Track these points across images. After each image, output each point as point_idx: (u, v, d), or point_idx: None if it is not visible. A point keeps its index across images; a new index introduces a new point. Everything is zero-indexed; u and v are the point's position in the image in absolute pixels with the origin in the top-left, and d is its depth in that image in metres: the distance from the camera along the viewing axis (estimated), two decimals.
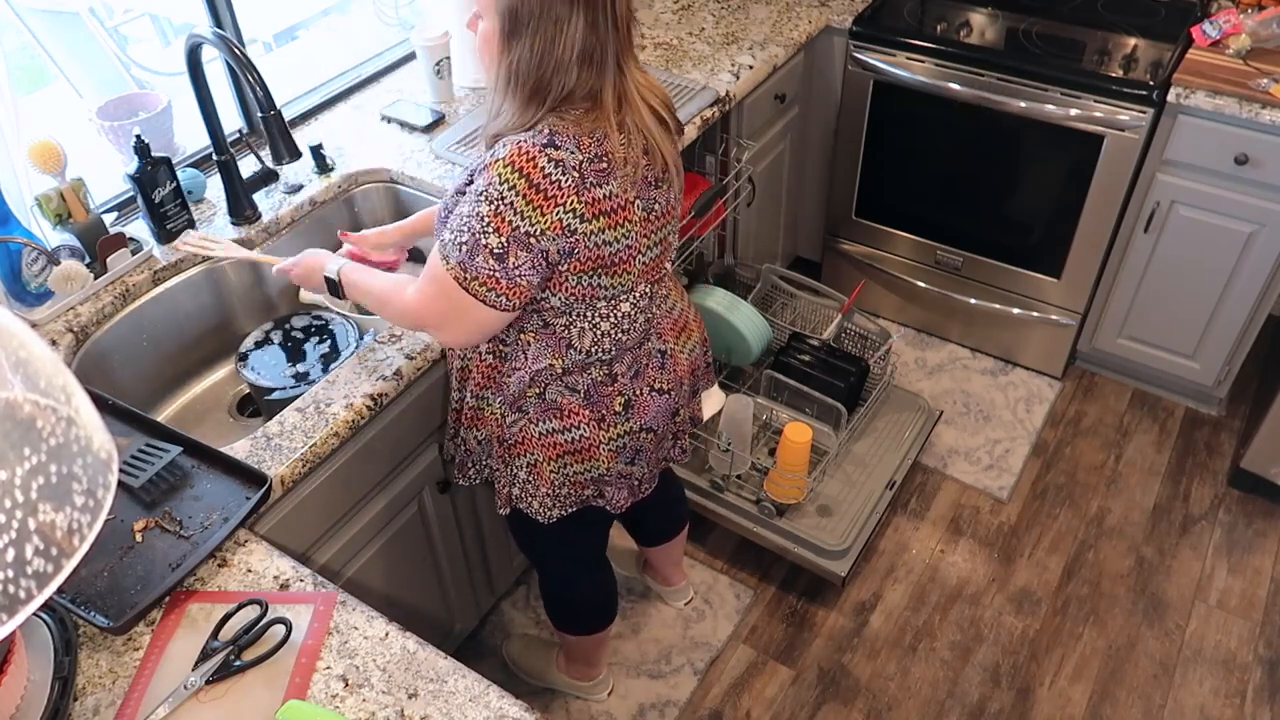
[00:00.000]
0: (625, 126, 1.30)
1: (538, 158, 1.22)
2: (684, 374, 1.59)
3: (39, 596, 0.64)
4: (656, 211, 1.39)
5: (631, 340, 1.46)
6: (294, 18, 3.12)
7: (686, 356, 1.59)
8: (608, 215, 1.29)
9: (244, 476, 1.37)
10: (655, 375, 1.53)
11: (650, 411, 1.53)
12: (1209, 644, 2.20)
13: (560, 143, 1.24)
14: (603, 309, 1.39)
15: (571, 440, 1.49)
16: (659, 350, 1.53)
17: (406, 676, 1.16)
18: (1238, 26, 2.28)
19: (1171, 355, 2.63)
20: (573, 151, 1.24)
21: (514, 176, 1.22)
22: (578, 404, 1.46)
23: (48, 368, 0.69)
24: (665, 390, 1.54)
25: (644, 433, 1.54)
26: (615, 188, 1.29)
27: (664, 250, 1.45)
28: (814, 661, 2.19)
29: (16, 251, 1.55)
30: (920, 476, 2.58)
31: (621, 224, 1.32)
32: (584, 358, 1.43)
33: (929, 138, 2.60)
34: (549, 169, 1.23)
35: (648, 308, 1.46)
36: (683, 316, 1.59)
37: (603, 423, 1.49)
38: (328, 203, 1.97)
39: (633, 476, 1.59)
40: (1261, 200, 2.26)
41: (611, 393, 1.48)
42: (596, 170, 1.26)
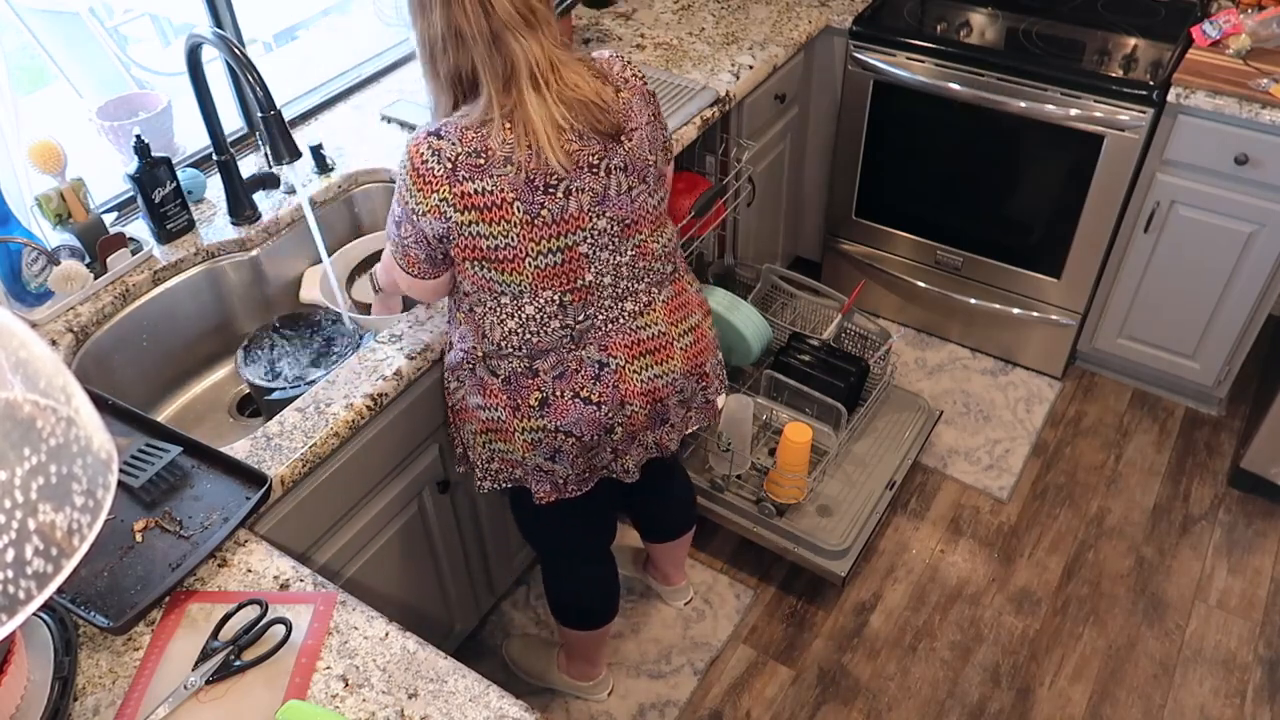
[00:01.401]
0: (512, 117, 1.31)
1: (421, 146, 1.33)
2: (631, 394, 1.51)
3: (39, 597, 0.64)
4: (545, 218, 1.36)
5: (546, 344, 1.46)
6: (294, 18, 3.12)
7: (644, 380, 1.52)
8: (479, 210, 1.34)
9: (244, 476, 1.37)
10: (585, 383, 1.49)
11: (569, 416, 1.49)
12: (1209, 644, 2.20)
13: (444, 133, 1.32)
14: (507, 305, 1.42)
15: (491, 419, 1.53)
16: (597, 360, 1.49)
17: (406, 676, 1.16)
18: (1238, 26, 2.28)
19: (1171, 355, 2.63)
20: (453, 143, 1.31)
21: (405, 162, 1.35)
22: (497, 387, 1.50)
23: (48, 368, 0.69)
24: (594, 401, 1.49)
25: (561, 434, 1.51)
26: (489, 184, 1.32)
27: (573, 260, 1.41)
28: (814, 661, 2.19)
29: (16, 251, 1.55)
30: (920, 476, 2.58)
31: (497, 221, 1.35)
32: (496, 348, 1.47)
33: (929, 138, 2.60)
34: (427, 156, 1.32)
35: (561, 316, 1.43)
36: (658, 341, 1.53)
37: (517, 411, 1.51)
38: (328, 203, 1.97)
39: (555, 474, 1.57)
40: (1261, 200, 2.26)
41: (530, 386, 1.49)
42: (471, 165, 1.32)
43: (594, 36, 2.48)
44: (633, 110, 1.42)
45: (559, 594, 1.93)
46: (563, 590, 1.92)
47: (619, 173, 1.41)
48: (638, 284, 1.50)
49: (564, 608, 1.94)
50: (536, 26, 1.30)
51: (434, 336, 1.60)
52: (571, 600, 1.93)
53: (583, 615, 1.94)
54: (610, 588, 1.94)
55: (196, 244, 1.80)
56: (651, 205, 1.48)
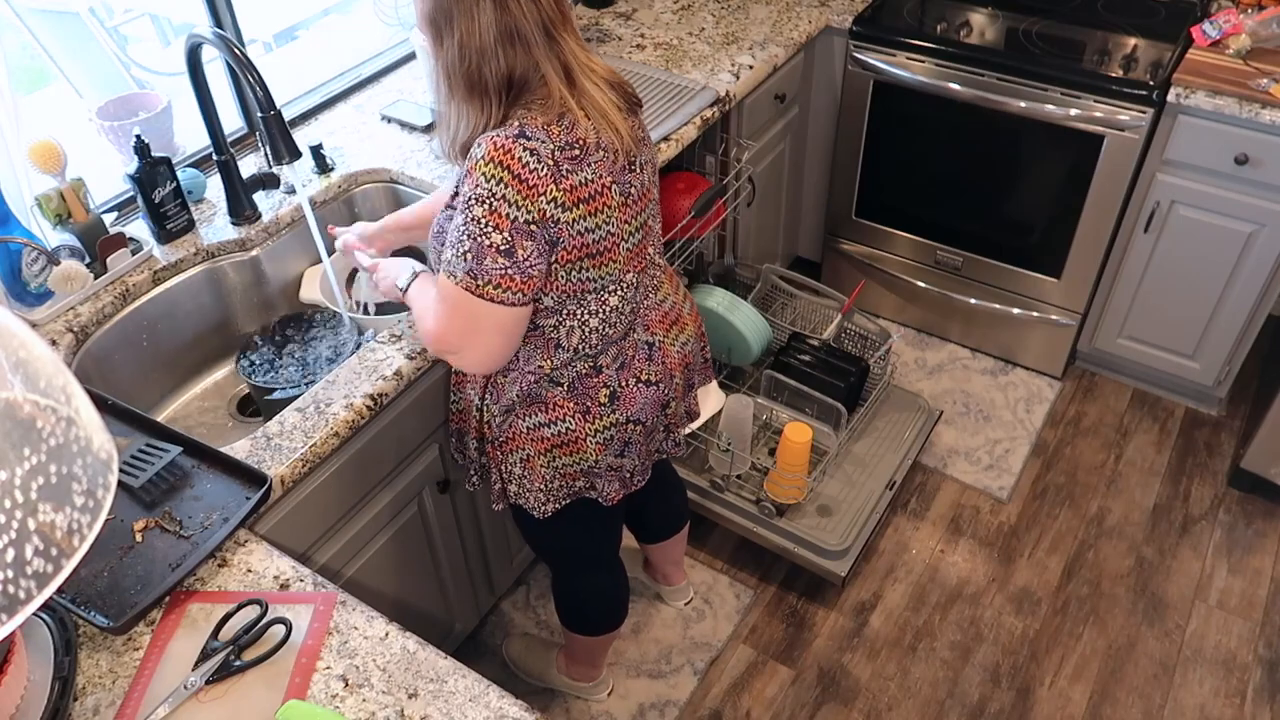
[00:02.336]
0: (584, 106, 1.30)
1: (514, 149, 1.24)
2: (674, 366, 1.57)
3: (39, 596, 0.64)
4: (633, 195, 1.39)
5: (617, 333, 1.46)
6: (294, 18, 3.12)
7: (678, 349, 1.58)
8: (586, 202, 1.30)
9: (244, 476, 1.37)
10: (642, 366, 1.51)
11: (637, 403, 1.51)
12: (1209, 644, 2.20)
13: (531, 133, 1.25)
14: (592, 304, 1.39)
15: (559, 433, 1.49)
16: (645, 342, 1.51)
17: (406, 676, 1.16)
18: (1238, 26, 2.28)
19: (1171, 355, 2.63)
20: (544, 141, 1.25)
21: (498, 171, 1.24)
22: (562, 396, 1.46)
23: (48, 368, 0.69)
24: (653, 382, 1.52)
25: (631, 424, 1.52)
26: (590, 174, 1.30)
27: (645, 236, 1.45)
28: (814, 661, 2.19)
29: (16, 251, 1.55)
30: (920, 476, 2.58)
31: (600, 210, 1.32)
32: (571, 355, 1.43)
33: (929, 138, 2.60)
34: (526, 159, 1.24)
35: (633, 298, 1.46)
36: (675, 309, 1.58)
37: (588, 415, 1.48)
38: (328, 203, 1.97)
39: (623, 469, 1.58)
40: (1261, 200, 2.26)
41: (596, 384, 1.47)
42: (569, 157, 1.27)
43: (594, 36, 2.48)
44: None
45: (572, 603, 1.91)
46: (577, 600, 1.91)
47: (651, 143, 1.46)
48: (658, 255, 1.54)
49: (577, 617, 1.93)
50: (569, 20, 1.31)
51: None
52: (585, 609, 1.92)
53: (595, 623, 1.93)
54: (623, 594, 1.93)
55: (196, 244, 1.80)
56: None
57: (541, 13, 1.25)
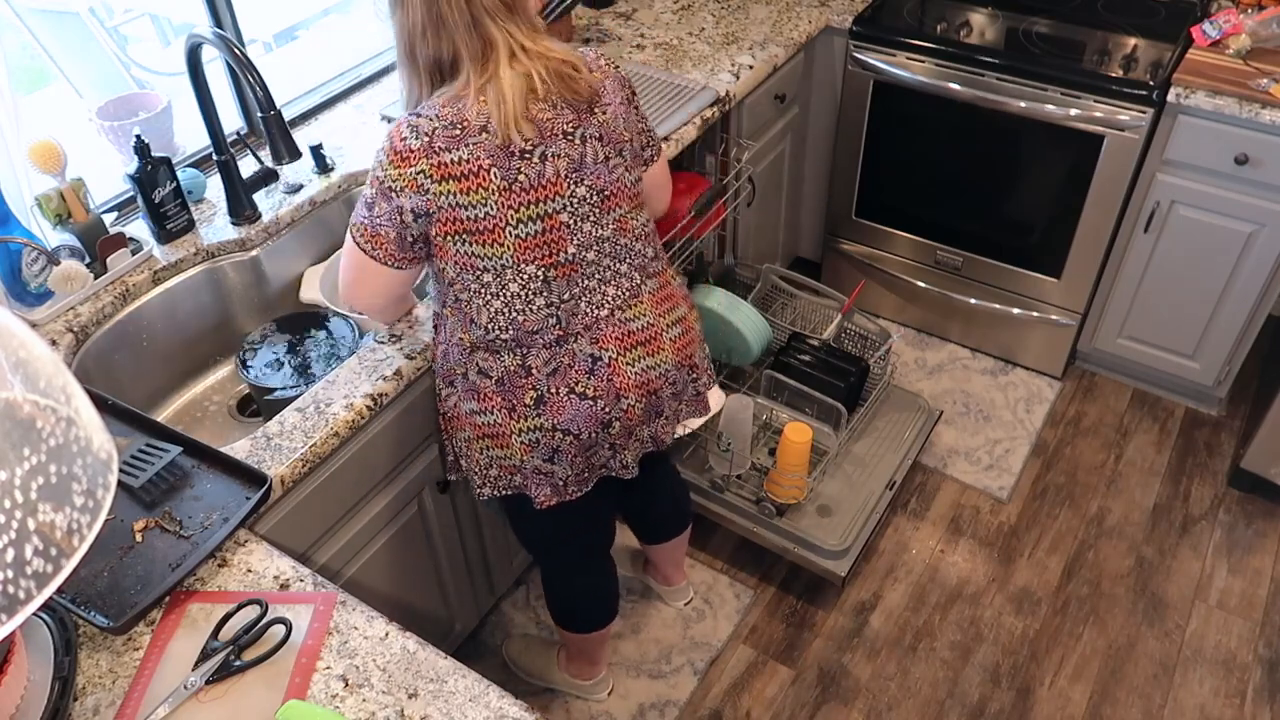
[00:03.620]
0: (484, 90, 1.36)
1: (401, 126, 1.36)
2: (626, 386, 1.51)
3: (39, 597, 0.64)
4: (521, 184, 1.38)
5: (533, 325, 1.45)
6: (294, 18, 3.12)
7: (638, 371, 1.52)
8: (458, 179, 1.35)
9: (244, 476, 1.37)
10: (579, 378, 1.49)
11: (565, 413, 1.49)
12: (1209, 644, 2.20)
13: (423, 111, 1.36)
14: (491, 285, 1.42)
15: (488, 424, 1.52)
16: (589, 354, 1.49)
17: (406, 676, 1.16)
18: (1238, 26, 2.28)
19: (1171, 355, 2.63)
20: (431, 118, 1.35)
21: (385, 143, 1.37)
22: (491, 389, 1.49)
23: (48, 368, 0.69)
24: (589, 396, 1.49)
25: (559, 433, 1.50)
26: (465, 154, 1.35)
27: (553, 230, 1.41)
28: (814, 661, 2.19)
29: (16, 251, 1.55)
30: (920, 476, 2.58)
31: (475, 190, 1.36)
32: (484, 334, 1.46)
33: (929, 138, 2.60)
34: (405, 134, 1.35)
35: (545, 293, 1.44)
36: (648, 331, 1.54)
37: (514, 412, 1.50)
38: (328, 203, 1.97)
39: (554, 475, 1.56)
40: (1261, 200, 2.26)
41: (524, 385, 1.48)
42: (448, 136, 1.34)
43: (594, 36, 2.48)
44: (605, 89, 1.46)
45: (559, 600, 1.93)
46: (563, 596, 1.92)
47: (594, 141, 1.44)
48: (620, 264, 1.50)
49: (564, 613, 1.94)
50: (515, 11, 1.38)
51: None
52: (572, 605, 1.93)
53: (584, 620, 1.94)
54: (610, 591, 1.94)
55: (196, 244, 1.80)
56: (630, 181, 1.50)
57: (473, 4, 1.34)
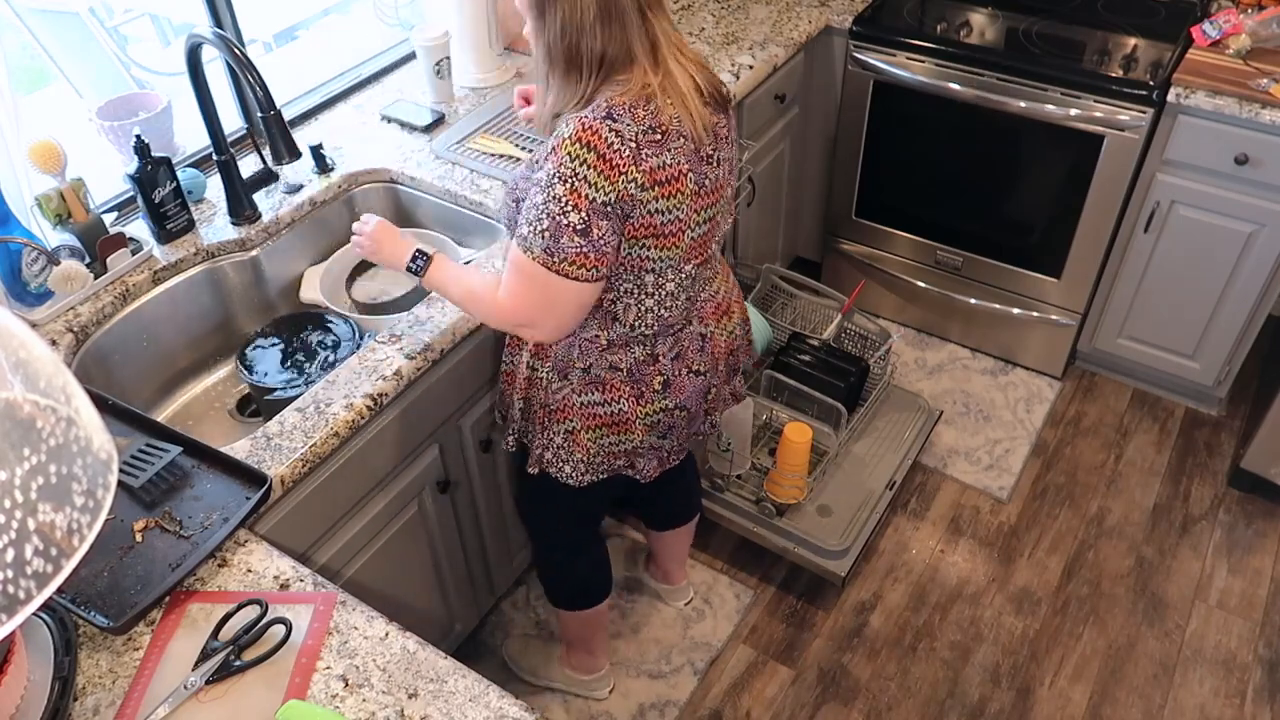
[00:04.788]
0: (667, 90, 1.33)
1: (600, 129, 1.28)
2: (720, 355, 1.62)
3: (39, 597, 0.64)
4: (707, 187, 1.41)
5: (674, 319, 1.49)
6: (294, 18, 3.12)
7: (725, 338, 1.62)
8: (661, 185, 1.33)
9: (244, 476, 1.37)
10: (694, 358, 1.56)
11: (686, 391, 1.57)
12: (1209, 644, 2.20)
13: (617, 115, 1.30)
14: (649, 284, 1.43)
15: (611, 413, 1.54)
16: (699, 333, 1.56)
17: (406, 676, 1.16)
18: (1238, 26, 2.28)
19: (1171, 355, 2.63)
20: (629, 124, 1.30)
21: (583, 152, 1.28)
22: (620, 380, 1.51)
23: (48, 368, 0.69)
24: (701, 372, 1.58)
25: (678, 410, 1.58)
26: (669, 158, 1.33)
27: (711, 229, 1.47)
28: (814, 661, 2.19)
29: (16, 251, 1.55)
30: (920, 476, 2.58)
31: (673, 195, 1.35)
32: (628, 331, 1.47)
33: (929, 138, 2.60)
34: (611, 139, 1.28)
35: (690, 288, 1.49)
36: (725, 299, 1.62)
37: (641, 399, 1.53)
38: (328, 203, 1.97)
39: (663, 449, 1.64)
40: (1261, 200, 2.26)
41: (653, 372, 1.52)
42: (651, 141, 1.31)
43: None
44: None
45: (564, 581, 1.95)
46: (567, 576, 1.94)
47: (736, 142, 1.49)
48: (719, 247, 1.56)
49: (568, 593, 1.96)
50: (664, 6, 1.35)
51: (434, 336, 1.60)
52: (576, 583, 1.95)
53: (582, 594, 1.96)
54: (607, 560, 1.99)
55: (196, 244, 1.80)
56: None
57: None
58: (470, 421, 1.79)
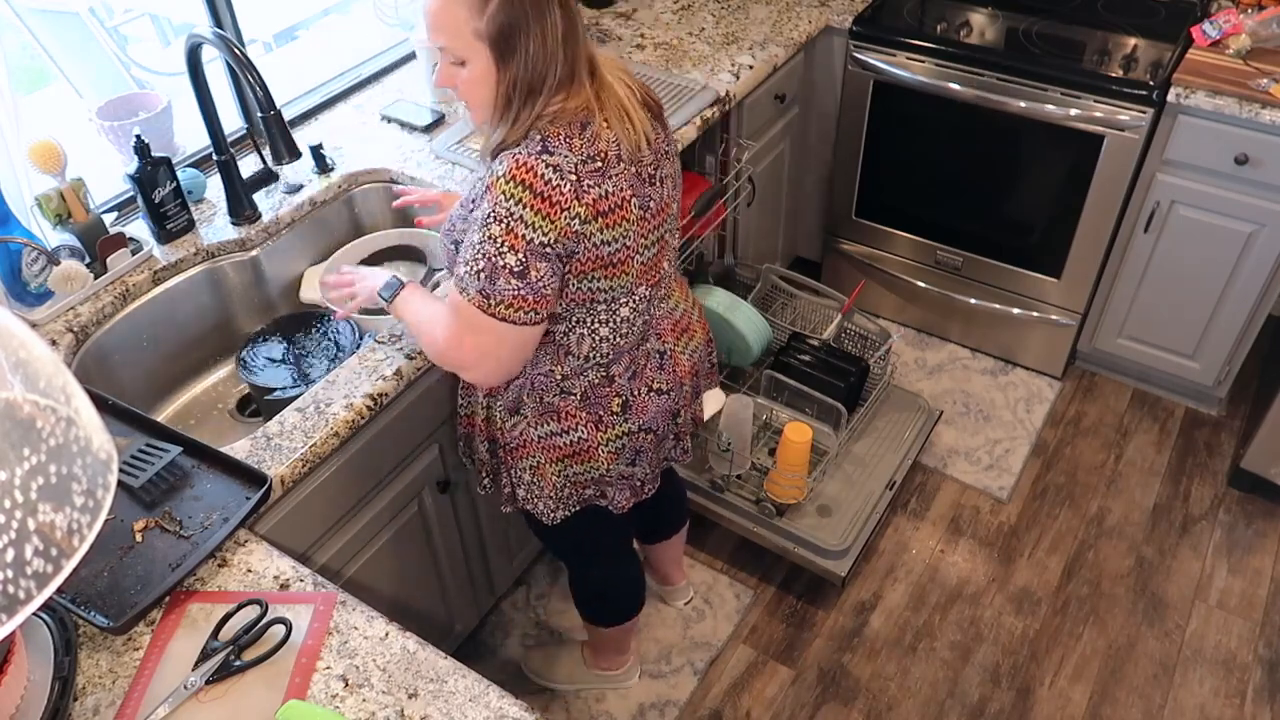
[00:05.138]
0: (605, 105, 1.28)
1: (536, 166, 1.22)
2: (685, 374, 1.57)
3: (39, 597, 0.64)
4: (651, 209, 1.37)
5: (629, 343, 1.45)
6: (294, 18, 3.12)
7: (688, 357, 1.58)
8: (605, 215, 1.28)
9: (244, 476, 1.37)
10: (653, 375, 1.52)
11: (649, 412, 1.52)
12: (1209, 644, 2.20)
13: (554, 148, 1.24)
14: (601, 314, 1.39)
15: (570, 442, 1.49)
16: (658, 351, 1.52)
17: (406, 676, 1.16)
18: (1238, 26, 2.28)
19: (1171, 355, 2.63)
20: (566, 155, 1.24)
21: (519, 191, 1.22)
22: (574, 406, 1.47)
23: (48, 368, 0.69)
24: (664, 390, 1.53)
25: (643, 433, 1.53)
26: (611, 186, 1.28)
27: (661, 250, 1.43)
28: (814, 661, 2.19)
29: (16, 251, 1.55)
30: (920, 476, 2.58)
31: (619, 223, 1.30)
32: (582, 363, 1.43)
33: (929, 138, 2.60)
34: (550, 175, 1.22)
35: (645, 310, 1.45)
36: (685, 317, 1.58)
37: (600, 424, 1.49)
38: (328, 203, 1.97)
39: (634, 477, 1.59)
40: (1261, 200, 2.26)
41: (609, 394, 1.47)
42: (591, 171, 1.26)
43: (594, 36, 2.48)
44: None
45: (596, 598, 1.93)
46: (599, 593, 1.92)
47: (675, 156, 1.43)
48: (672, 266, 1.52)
49: (602, 610, 1.94)
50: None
51: None
52: (609, 601, 1.93)
53: (615, 613, 1.95)
54: (637, 580, 1.95)
55: (196, 244, 1.80)
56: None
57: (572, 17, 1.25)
58: None
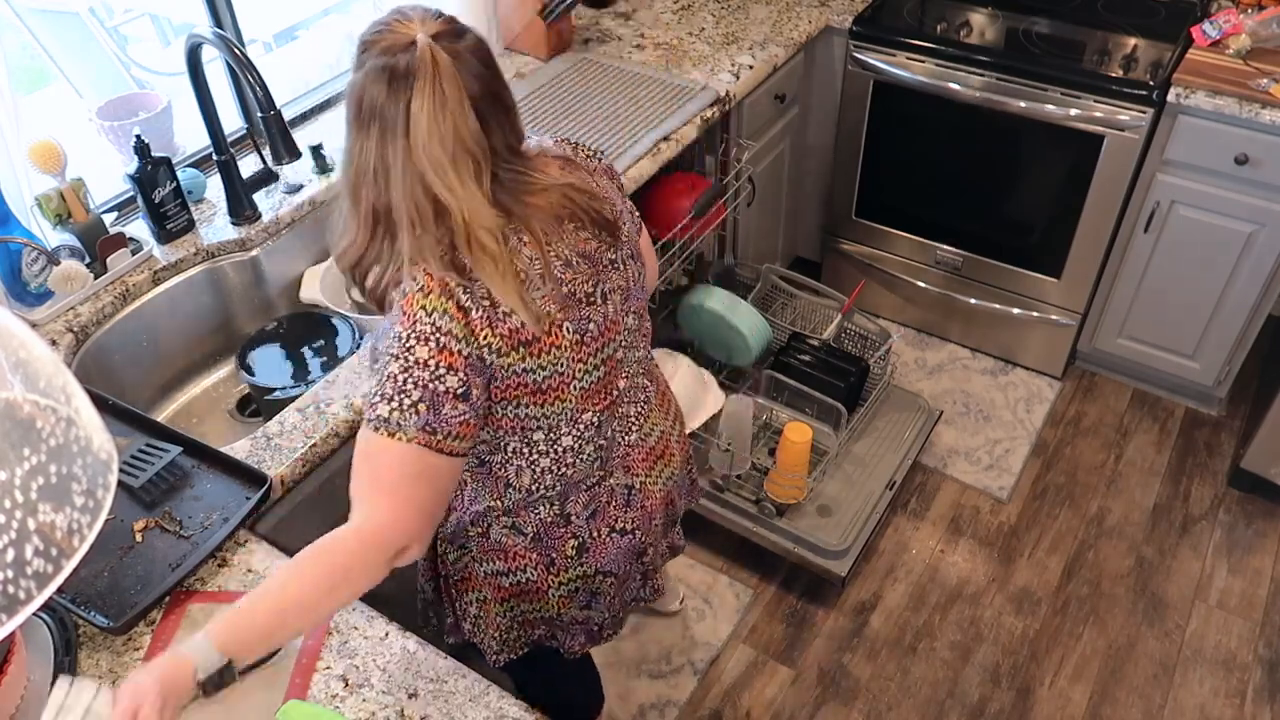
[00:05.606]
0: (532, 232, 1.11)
1: (448, 280, 1.06)
2: (655, 507, 1.41)
3: (39, 597, 0.64)
4: (592, 332, 1.19)
5: (579, 474, 1.28)
6: (294, 18, 3.12)
7: (661, 486, 1.41)
8: (527, 345, 1.12)
9: (244, 476, 1.37)
10: (618, 514, 1.36)
11: (608, 554, 1.36)
12: (1209, 644, 2.20)
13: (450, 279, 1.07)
14: (540, 443, 1.23)
15: (518, 583, 1.36)
16: (625, 485, 1.36)
17: (406, 676, 1.16)
18: (1238, 26, 2.28)
19: (1171, 355, 2.63)
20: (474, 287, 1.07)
21: (442, 303, 1.05)
22: (524, 546, 1.32)
23: (48, 368, 0.69)
24: (628, 530, 1.37)
25: (600, 576, 1.38)
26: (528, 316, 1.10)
27: (609, 371, 1.25)
28: (814, 661, 2.19)
29: (16, 251, 1.55)
30: (920, 476, 2.58)
31: (545, 351, 1.14)
32: (525, 496, 1.28)
33: (929, 138, 2.60)
34: (462, 296, 1.06)
35: (595, 438, 1.27)
36: (661, 441, 1.41)
37: (552, 566, 1.34)
38: (328, 203, 1.97)
39: (590, 621, 1.44)
40: (1261, 200, 2.26)
41: (564, 535, 1.32)
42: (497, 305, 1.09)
43: (594, 36, 2.48)
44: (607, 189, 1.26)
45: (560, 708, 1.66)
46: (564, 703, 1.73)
47: (631, 261, 1.26)
48: (639, 378, 1.35)
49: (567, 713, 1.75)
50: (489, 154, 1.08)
51: None
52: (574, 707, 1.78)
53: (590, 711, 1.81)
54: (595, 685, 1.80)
55: (196, 244, 1.80)
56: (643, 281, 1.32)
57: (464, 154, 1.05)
58: None
